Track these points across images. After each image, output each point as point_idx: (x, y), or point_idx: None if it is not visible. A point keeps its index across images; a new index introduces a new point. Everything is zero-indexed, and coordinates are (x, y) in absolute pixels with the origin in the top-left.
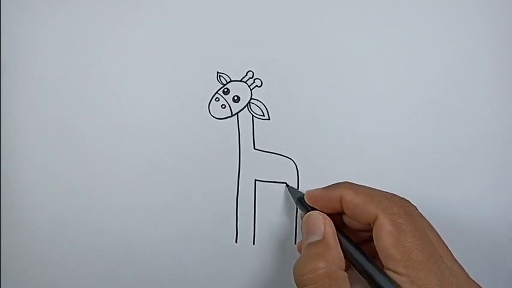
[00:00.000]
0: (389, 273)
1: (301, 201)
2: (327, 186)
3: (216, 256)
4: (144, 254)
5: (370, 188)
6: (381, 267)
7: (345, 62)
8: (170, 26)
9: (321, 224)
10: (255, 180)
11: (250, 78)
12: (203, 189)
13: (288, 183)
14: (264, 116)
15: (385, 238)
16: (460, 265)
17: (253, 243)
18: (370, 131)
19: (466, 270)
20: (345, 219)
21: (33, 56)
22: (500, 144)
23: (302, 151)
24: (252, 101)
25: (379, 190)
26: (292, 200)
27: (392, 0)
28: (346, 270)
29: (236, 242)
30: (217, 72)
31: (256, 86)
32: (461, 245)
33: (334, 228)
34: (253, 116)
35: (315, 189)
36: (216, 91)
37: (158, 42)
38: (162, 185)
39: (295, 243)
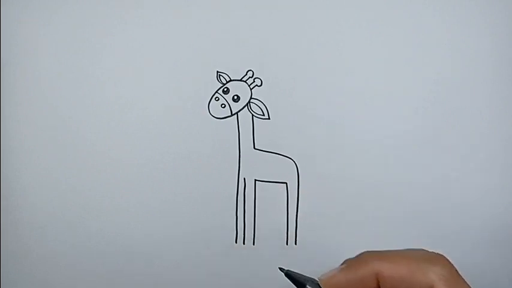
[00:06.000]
0: None
1: None
2: (345, 267)
3: (216, 256)
4: (144, 254)
5: (401, 253)
6: None
7: (345, 62)
8: (170, 25)
9: None
10: (255, 180)
11: (250, 77)
12: (203, 189)
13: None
14: (264, 115)
15: None
16: None
17: (253, 244)
18: (371, 130)
19: (466, 271)
20: None
21: (33, 56)
22: (500, 144)
23: (302, 151)
24: (252, 100)
25: (412, 252)
26: None
27: (392, 0)
28: None
29: (236, 242)
30: (217, 72)
31: (256, 85)
32: (462, 245)
33: None
34: (253, 115)
35: (331, 274)
36: (215, 90)
37: (158, 41)
38: (162, 185)
39: (296, 243)
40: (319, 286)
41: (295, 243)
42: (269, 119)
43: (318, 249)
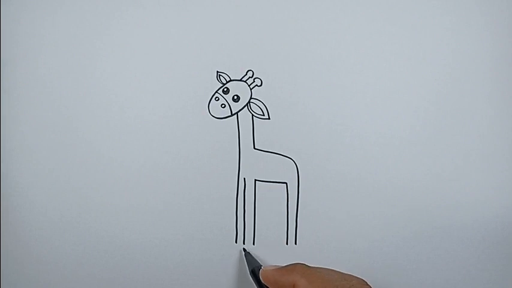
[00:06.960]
0: None
1: (254, 274)
2: (282, 267)
3: (216, 256)
4: (144, 255)
5: (325, 272)
6: None
7: (345, 62)
8: (170, 25)
9: None
10: (255, 180)
11: (250, 77)
12: (203, 189)
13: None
14: (264, 115)
15: None
16: None
17: (253, 244)
18: (370, 130)
19: (466, 270)
20: None
21: (33, 55)
22: (500, 144)
23: (302, 151)
24: (251, 100)
25: (334, 273)
26: (247, 268)
27: (392, 0)
28: None
29: (236, 242)
30: (217, 72)
31: (256, 85)
32: (462, 245)
33: None
34: (253, 115)
35: (271, 268)
36: (215, 90)
37: (158, 41)
38: (162, 185)
39: (296, 243)
40: (258, 272)
41: (295, 243)
42: (269, 119)
43: (318, 249)
